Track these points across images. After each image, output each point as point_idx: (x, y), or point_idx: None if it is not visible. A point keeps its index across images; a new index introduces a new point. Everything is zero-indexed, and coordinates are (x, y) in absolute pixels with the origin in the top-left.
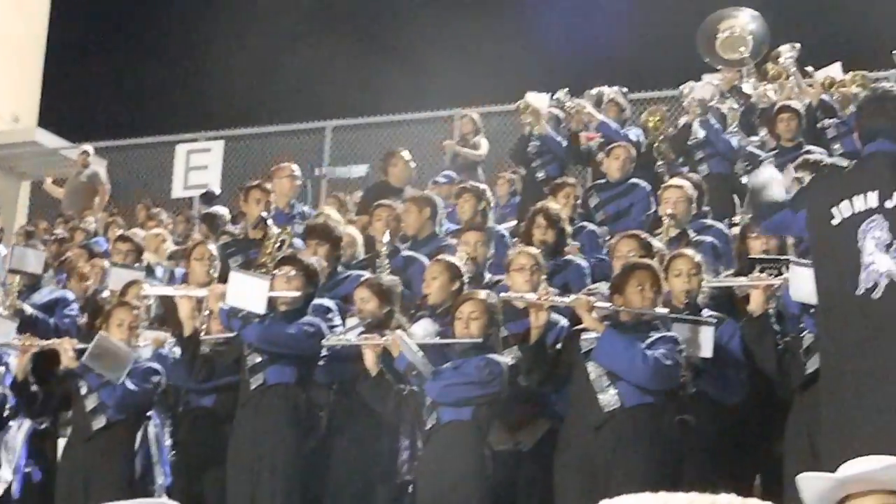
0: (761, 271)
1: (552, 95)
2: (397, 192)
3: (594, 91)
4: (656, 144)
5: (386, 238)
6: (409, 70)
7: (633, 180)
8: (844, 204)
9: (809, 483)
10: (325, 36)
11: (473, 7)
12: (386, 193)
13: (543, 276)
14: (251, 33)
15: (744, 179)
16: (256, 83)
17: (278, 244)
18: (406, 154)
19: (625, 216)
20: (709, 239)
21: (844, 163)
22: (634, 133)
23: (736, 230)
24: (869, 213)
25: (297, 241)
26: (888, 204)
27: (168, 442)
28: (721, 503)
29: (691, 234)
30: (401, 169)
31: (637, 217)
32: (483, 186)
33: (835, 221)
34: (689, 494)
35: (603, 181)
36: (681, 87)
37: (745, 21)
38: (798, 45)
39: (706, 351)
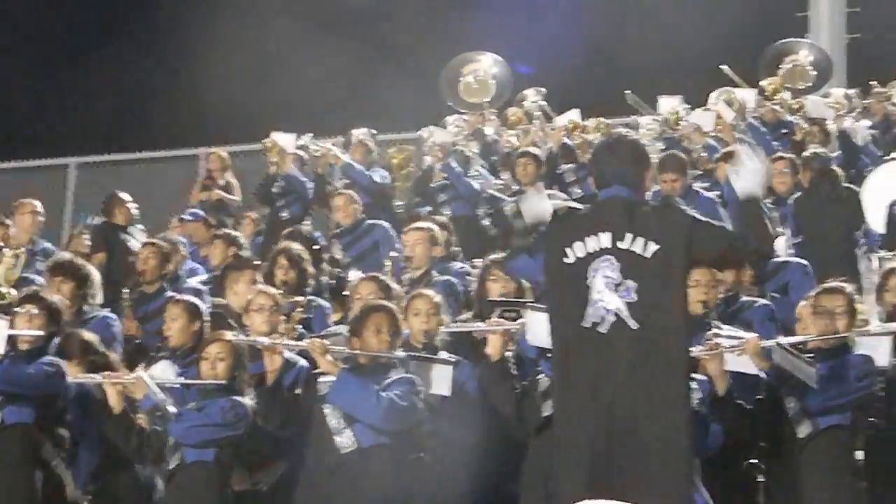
0: (501, 314)
1: (298, 136)
2: (123, 231)
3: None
4: (397, 183)
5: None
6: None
7: (371, 221)
8: (578, 244)
9: None
10: (72, 71)
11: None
12: (114, 233)
13: (283, 317)
14: None
15: (485, 222)
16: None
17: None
18: (126, 196)
19: (371, 255)
20: (450, 280)
21: (580, 206)
22: (380, 175)
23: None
24: (601, 252)
25: (39, 279)
26: (621, 245)
27: None
28: None
29: (434, 274)
30: (125, 210)
31: (384, 257)
32: (234, 233)
33: (568, 260)
34: None
35: (341, 229)
36: (421, 131)
37: (489, 65)
38: (543, 90)
39: (444, 389)
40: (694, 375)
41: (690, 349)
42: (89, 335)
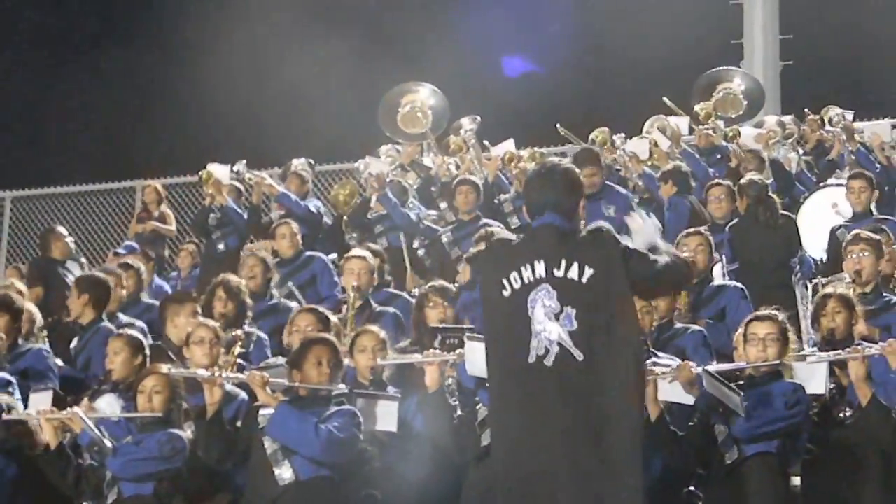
0: (442, 340)
1: (232, 167)
2: (61, 265)
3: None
4: (345, 218)
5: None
6: (93, 140)
7: (309, 253)
8: (514, 275)
9: None
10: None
11: (160, 81)
12: (51, 267)
13: (223, 350)
14: None
15: (420, 252)
16: None
17: None
18: (63, 230)
19: (309, 287)
20: (391, 310)
21: (513, 236)
22: (314, 204)
23: None
24: (538, 282)
25: None
26: (556, 273)
27: None
28: None
29: (374, 305)
30: (62, 244)
31: (324, 288)
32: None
33: (506, 293)
34: None
35: (279, 259)
36: (358, 162)
37: (426, 96)
38: (478, 119)
39: (390, 425)
40: None
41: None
42: None
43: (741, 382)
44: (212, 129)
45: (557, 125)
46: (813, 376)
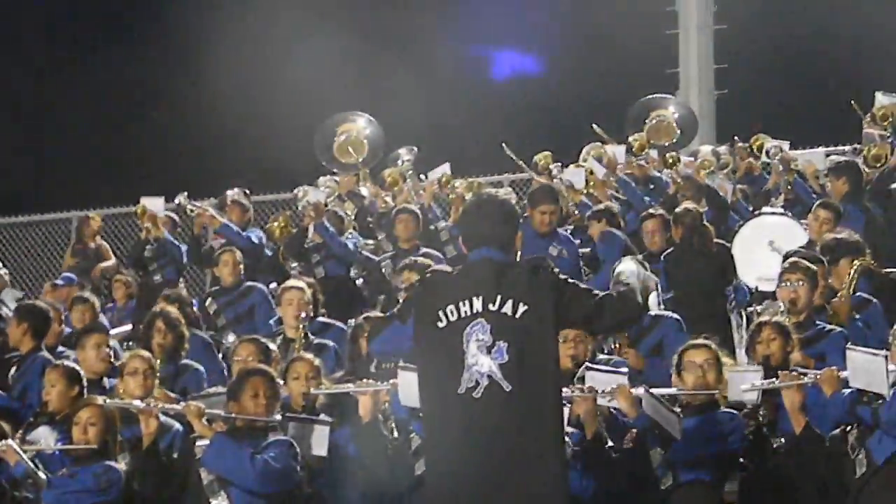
0: (375, 369)
1: (166, 199)
2: None
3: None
4: (281, 249)
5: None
6: (28, 171)
7: (249, 284)
8: (450, 308)
9: None
10: None
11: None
12: None
13: (157, 381)
14: None
15: (359, 282)
16: None
17: None
18: None
19: (247, 319)
20: (329, 343)
21: (449, 269)
22: (256, 235)
23: None
24: (474, 316)
25: None
26: (491, 307)
27: None
28: None
29: (310, 336)
30: None
31: (261, 320)
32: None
33: (441, 324)
34: None
35: (219, 287)
36: (295, 191)
37: (362, 126)
38: (415, 150)
39: (321, 449)
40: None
41: (563, 404)
42: None
43: (677, 409)
44: (152, 159)
45: (593, 125)
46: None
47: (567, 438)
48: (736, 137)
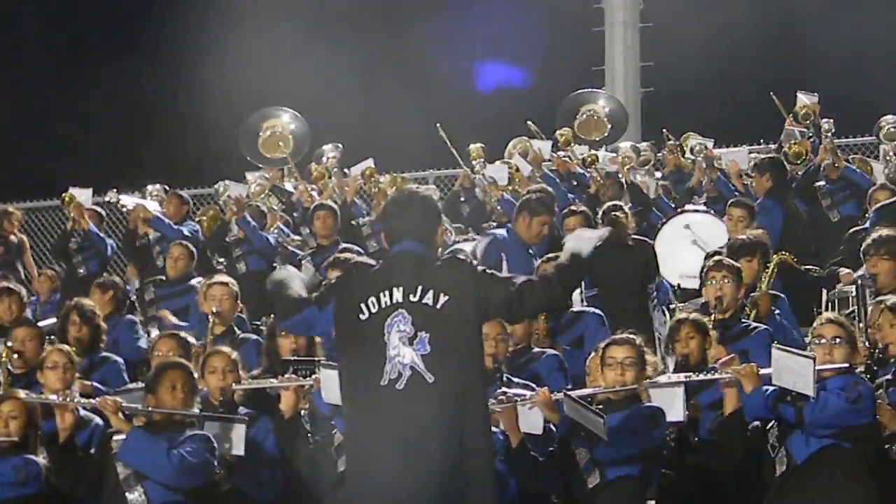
0: (294, 372)
1: (94, 192)
2: None
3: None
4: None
5: None
6: None
7: (191, 283)
8: (372, 300)
9: None
10: None
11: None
12: None
13: (77, 374)
14: None
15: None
16: None
17: None
18: None
19: (182, 315)
20: (253, 337)
21: (372, 262)
22: (189, 228)
23: None
24: (395, 307)
25: None
26: (412, 298)
27: None
28: None
29: (237, 331)
30: None
31: (194, 321)
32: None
33: (363, 316)
34: None
35: (162, 278)
36: (216, 185)
37: (287, 121)
38: (340, 146)
39: (238, 448)
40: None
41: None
42: None
43: (600, 407)
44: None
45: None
46: (671, 404)
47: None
48: (665, 131)
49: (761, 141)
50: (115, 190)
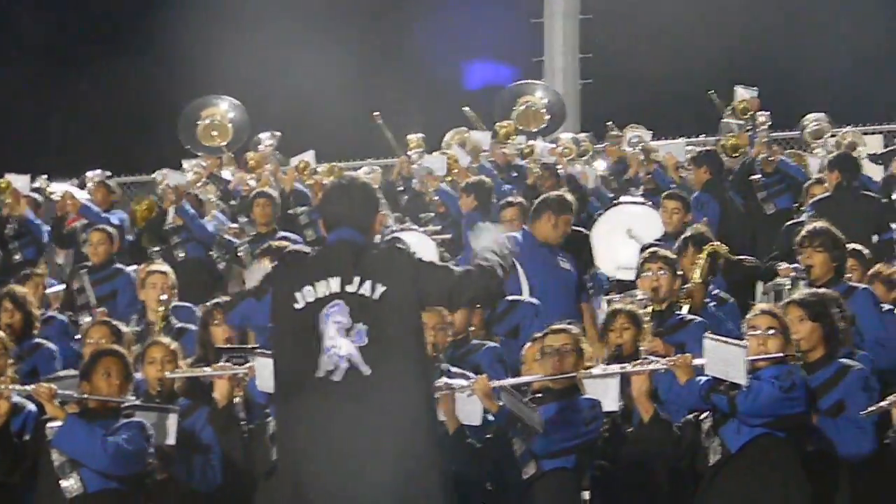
0: (227, 360)
1: (33, 178)
2: None
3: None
4: (144, 235)
5: None
6: None
7: (118, 265)
8: (308, 289)
9: None
10: None
11: None
12: None
13: (10, 361)
14: None
15: (221, 265)
16: None
17: None
18: None
19: (110, 300)
20: (192, 327)
21: (308, 249)
22: (118, 217)
23: None
24: (331, 297)
25: None
26: (349, 289)
27: None
28: None
29: (173, 320)
30: None
31: (122, 304)
32: None
33: (298, 306)
34: None
35: (91, 264)
36: (155, 174)
37: (226, 109)
38: (278, 134)
39: (171, 438)
40: None
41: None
42: None
43: (539, 395)
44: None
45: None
46: (606, 393)
47: None
48: (609, 123)
49: (700, 134)
50: (45, 176)
